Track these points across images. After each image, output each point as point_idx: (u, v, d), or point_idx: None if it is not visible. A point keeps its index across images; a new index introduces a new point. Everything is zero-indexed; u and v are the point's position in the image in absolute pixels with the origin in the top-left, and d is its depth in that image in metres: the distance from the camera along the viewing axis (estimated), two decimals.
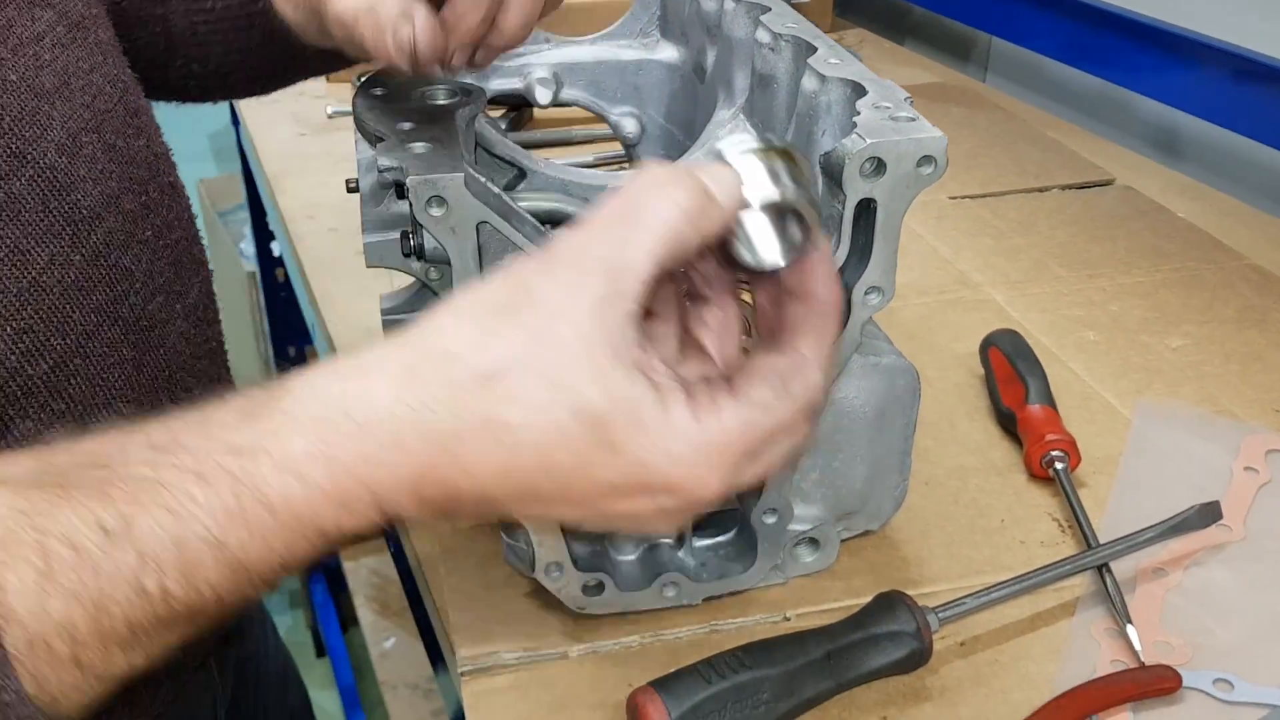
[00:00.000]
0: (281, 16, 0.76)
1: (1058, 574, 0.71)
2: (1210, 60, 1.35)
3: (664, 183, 0.46)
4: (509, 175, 0.82)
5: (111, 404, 0.63)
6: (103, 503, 0.43)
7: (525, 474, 0.45)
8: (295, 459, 0.44)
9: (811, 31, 0.76)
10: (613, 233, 0.46)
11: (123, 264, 0.65)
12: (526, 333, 0.45)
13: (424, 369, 0.45)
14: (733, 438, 0.46)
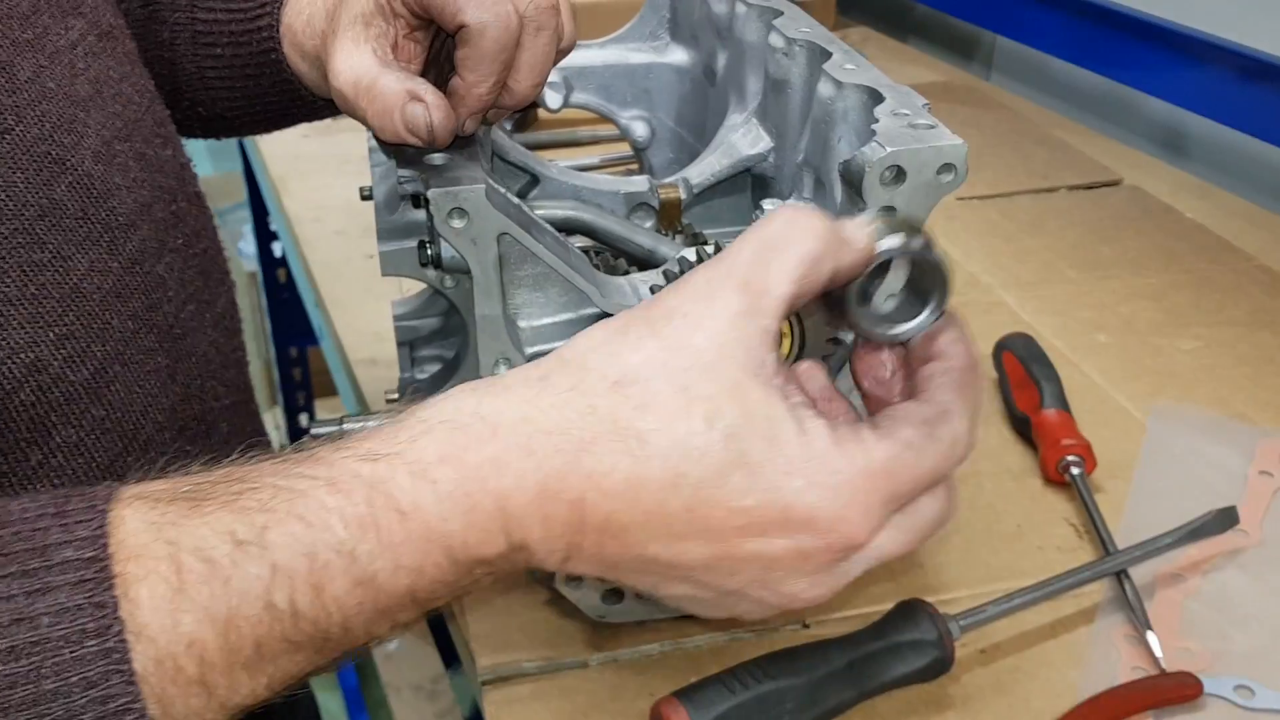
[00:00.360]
0: (293, 68, 0.76)
1: (1077, 580, 0.71)
2: (1216, 59, 1.34)
3: (803, 216, 0.47)
4: (521, 181, 0.82)
5: (148, 412, 0.63)
6: (236, 513, 0.42)
7: (654, 488, 0.43)
8: (428, 463, 0.43)
9: (825, 36, 0.76)
10: (752, 256, 0.46)
11: (156, 272, 0.65)
12: (660, 341, 0.44)
13: (557, 377, 0.45)
14: (877, 471, 0.44)
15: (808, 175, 0.76)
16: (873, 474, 0.44)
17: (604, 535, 0.45)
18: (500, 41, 0.59)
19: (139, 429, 0.62)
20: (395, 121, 0.60)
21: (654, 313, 0.45)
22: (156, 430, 0.64)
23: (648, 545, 0.45)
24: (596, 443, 0.43)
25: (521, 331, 0.64)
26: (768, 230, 0.46)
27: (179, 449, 0.66)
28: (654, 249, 0.72)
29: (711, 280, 0.45)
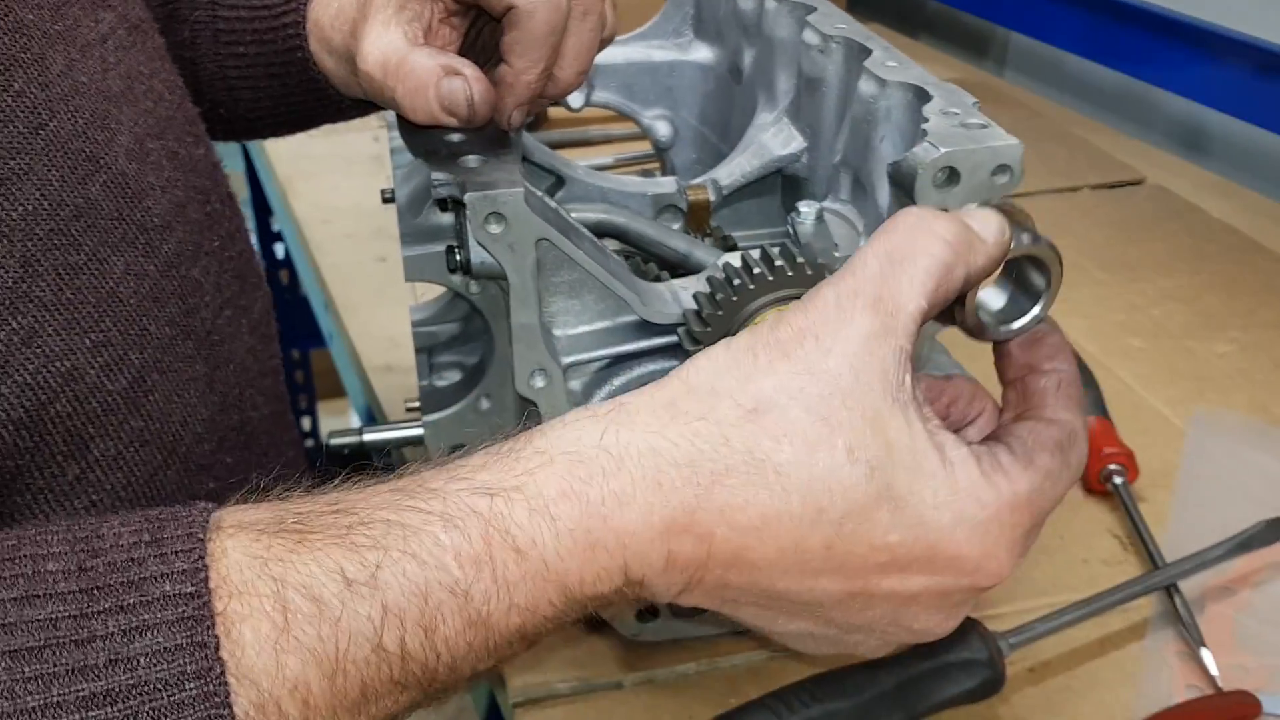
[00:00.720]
0: (319, 66, 0.73)
1: (1127, 595, 0.69)
2: (1236, 54, 1.32)
3: (929, 219, 0.44)
4: (547, 182, 0.79)
5: (186, 423, 0.60)
6: (345, 549, 0.39)
7: (791, 524, 0.41)
8: (548, 499, 0.41)
9: (863, 33, 0.73)
10: (879, 269, 0.43)
11: (192, 275, 0.62)
12: (792, 365, 0.42)
13: (686, 404, 0.42)
14: (1022, 505, 0.42)
15: (845, 176, 0.73)
16: (1018, 508, 0.42)
17: (730, 570, 0.42)
18: (550, 24, 0.57)
19: (178, 440, 0.59)
20: (430, 99, 0.57)
21: (782, 334, 0.42)
22: (195, 441, 0.61)
23: (777, 581, 0.42)
24: (730, 475, 0.41)
25: (557, 340, 0.61)
26: (893, 239, 0.44)
27: (218, 460, 0.63)
28: (689, 253, 0.69)
29: (840, 298, 0.42)
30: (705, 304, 0.57)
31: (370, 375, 0.98)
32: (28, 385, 0.50)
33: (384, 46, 0.59)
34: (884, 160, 0.67)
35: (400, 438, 0.80)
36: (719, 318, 0.57)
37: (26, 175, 0.51)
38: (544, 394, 0.60)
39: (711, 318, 0.57)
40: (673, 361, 0.62)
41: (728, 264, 0.58)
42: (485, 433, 0.77)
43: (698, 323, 0.58)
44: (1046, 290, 0.47)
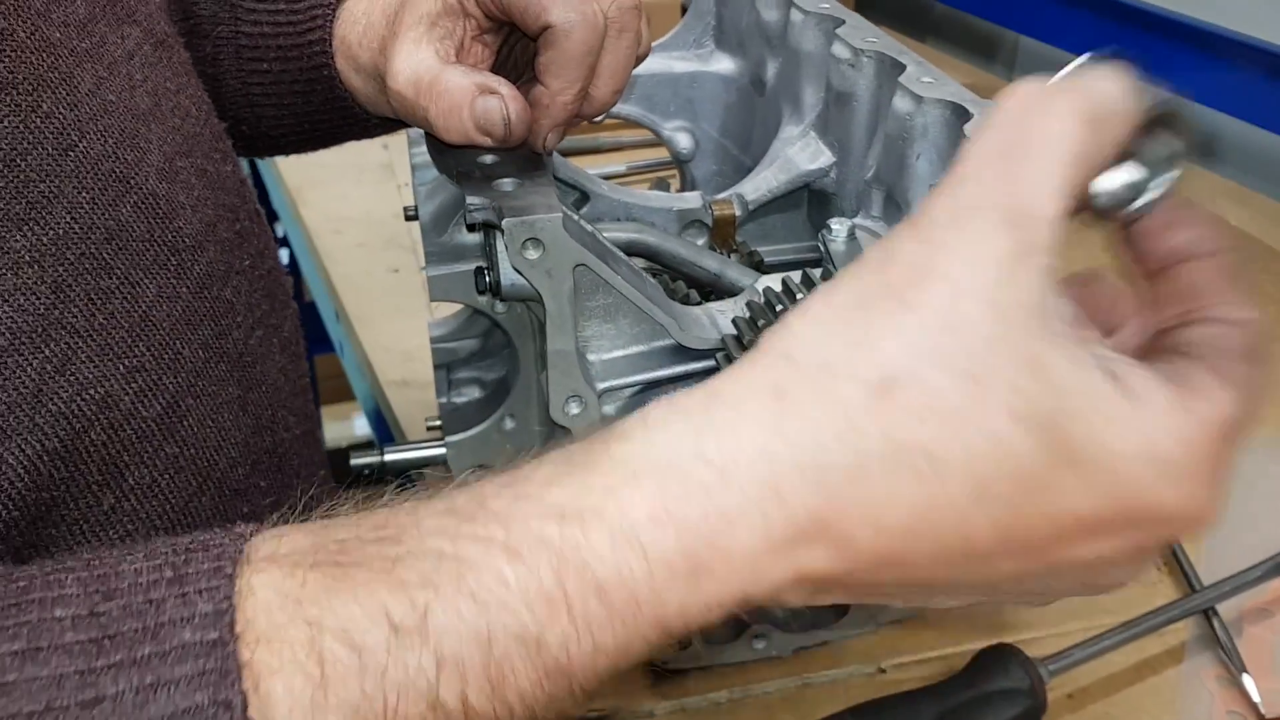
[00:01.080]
0: (346, 84, 0.72)
1: (1165, 619, 0.68)
2: (1249, 59, 1.31)
3: (1042, 96, 0.35)
4: (571, 198, 0.78)
5: (221, 447, 0.59)
6: (391, 588, 0.34)
7: (952, 514, 0.33)
8: (636, 524, 0.34)
9: (895, 47, 0.72)
10: (999, 168, 0.34)
11: (224, 296, 0.61)
12: (920, 319, 0.33)
13: (797, 390, 0.34)
14: (1229, 429, 0.34)
15: (877, 192, 0.72)
16: (1225, 435, 0.34)
17: (879, 570, 0.35)
18: (587, 43, 0.56)
19: (213, 465, 0.58)
20: (464, 119, 0.56)
21: (894, 276, 0.34)
22: (230, 466, 0.59)
23: (940, 572, 0.35)
24: (867, 470, 0.33)
25: (592, 365, 0.60)
26: (1006, 130, 0.34)
27: (253, 484, 0.62)
28: (721, 273, 0.68)
29: (959, 216, 0.34)
30: (746, 329, 0.56)
31: (386, 390, 0.97)
32: (62, 414, 0.49)
33: (415, 65, 0.57)
34: (920, 178, 0.66)
35: (423, 458, 0.79)
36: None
37: (56, 198, 0.50)
38: (579, 421, 0.59)
39: (752, 343, 0.56)
40: None
41: (768, 289, 0.57)
42: (511, 452, 0.76)
43: (738, 349, 0.57)
44: (1181, 152, 0.37)
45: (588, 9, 0.55)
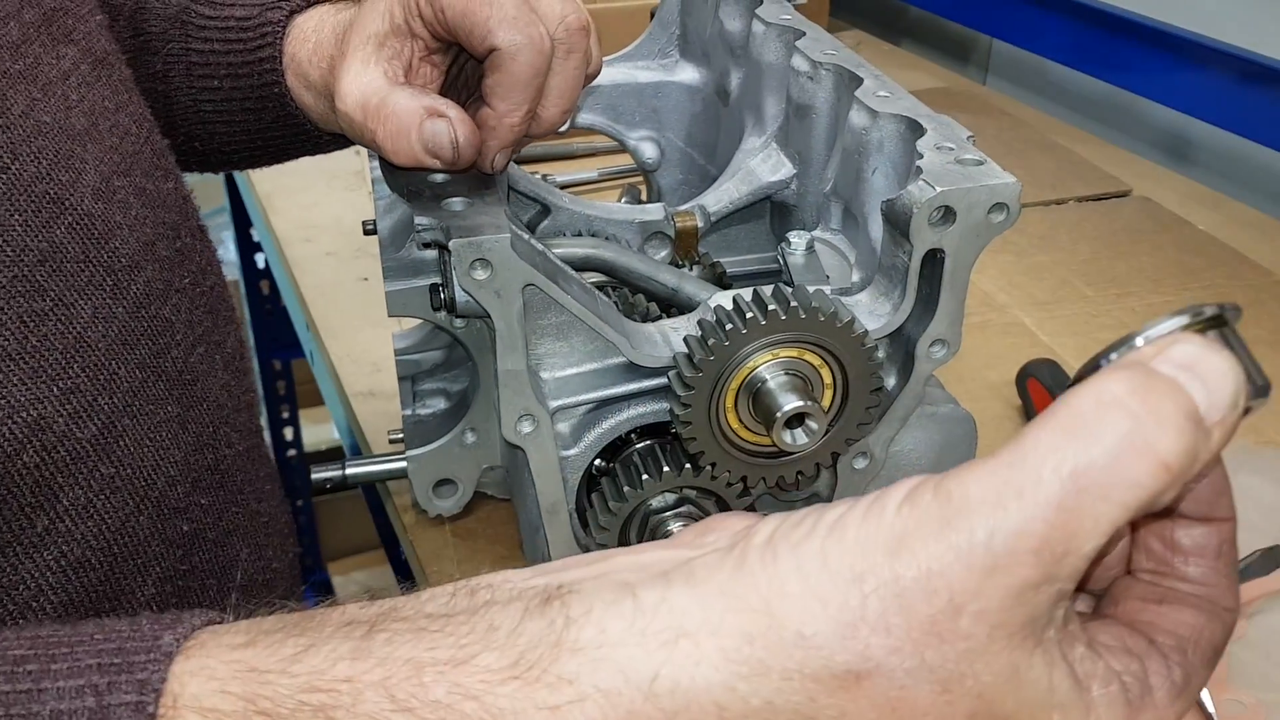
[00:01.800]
0: (297, 101, 0.72)
1: None
2: (1220, 64, 1.32)
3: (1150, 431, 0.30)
4: (532, 211, 0.78)
5: (159, 466, 0.59)
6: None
7: None
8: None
9: (853, 59, 0.72)
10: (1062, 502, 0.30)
11: (163, 315, 0.60)
12: (912, 621, 0.30)
13: (764, 649, 0.31)
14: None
15: (835, 206, 0.72)
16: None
17: None
18: (534, 65, 0.56)
19: (151, 485, 0.58)
20: (412, 142, 0.56)
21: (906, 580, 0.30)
22: (169, 485, 0.59)
23: None
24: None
25: (544, 384, 0.60)
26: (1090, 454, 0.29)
27: (193, 502, 0.62)
28: (678, 287, 0.68)
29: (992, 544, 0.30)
30: (697, 348, 0.56)
31: (352, 401, 0.97)
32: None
33: (363, 86, 0.57)
34: (876, 192, 0.66)
35: (384, 471, 0.79)
36: (711, 362, 0.56)
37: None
38: (531, 439, 0.59)
39: (703, 362, 0.56)
40: (661, 404, 0.61)
41: (719, 307, 0.57)
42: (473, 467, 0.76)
43: (689, 367, 0.56)
44: None
45: (534, 32, 0.55)
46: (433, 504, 0.78)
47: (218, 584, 0.64)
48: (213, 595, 0.64)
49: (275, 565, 0.72)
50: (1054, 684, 0.31)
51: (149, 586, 0.58)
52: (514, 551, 0.80)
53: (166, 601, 0.59)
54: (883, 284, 0.61)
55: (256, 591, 0.68)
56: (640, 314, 0.70)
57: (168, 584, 0.59)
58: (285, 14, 0.71)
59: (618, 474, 0.62)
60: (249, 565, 0.68)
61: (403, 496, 0.84)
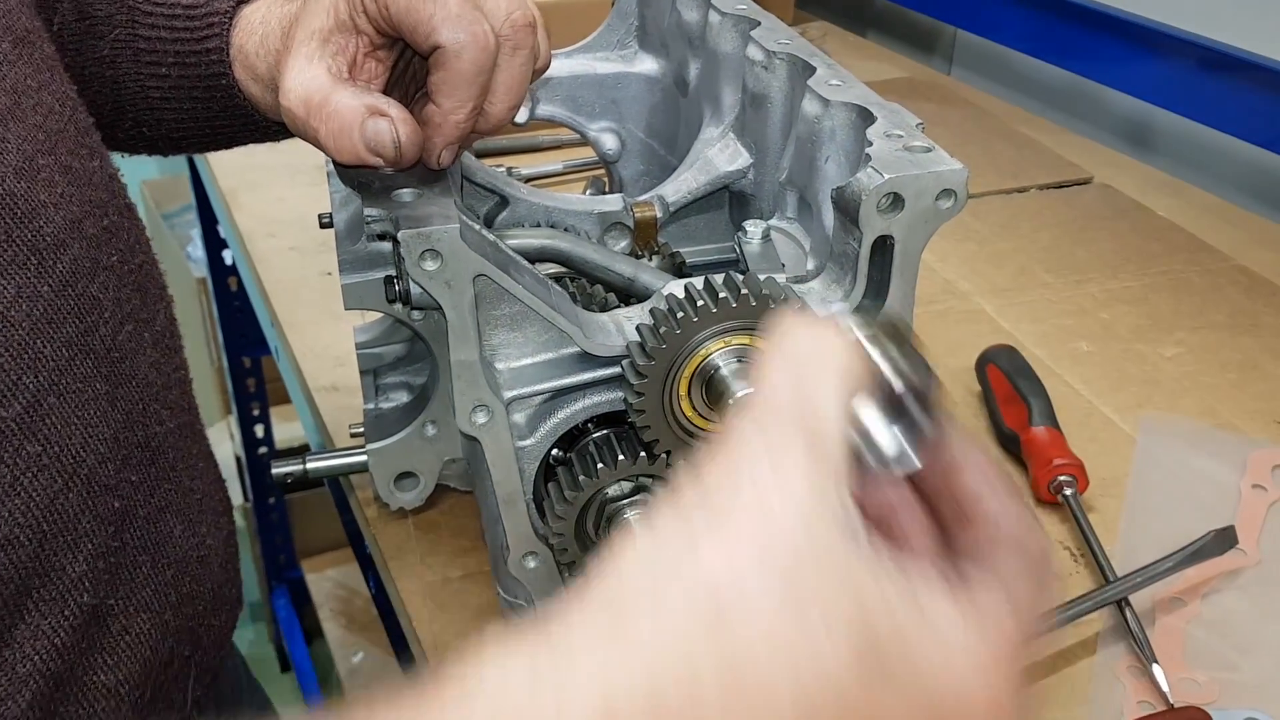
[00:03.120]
0: (245, 93, 0.72)
1: (1078, 612, 0.69)
2: (1180, 52, 1.33)
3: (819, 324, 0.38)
4: (490, 203, 0.78)
5: (88, 443, 0.59)
6: None
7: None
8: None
9: (806, 48, 0.73)
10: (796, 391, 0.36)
11: (90, 292, 0.60)
12: (740, 530, 0.33)
13: (629, 619, 0.33)
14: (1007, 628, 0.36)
15: (791, 194, 0.73)
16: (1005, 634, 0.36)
17: None
18: (478, 63, 0.56)
19: (79, 462, 0.58)
20: (354, 140, 0.56)
21: (714, 498, 0.34)
22: (99, 463, 0.59)
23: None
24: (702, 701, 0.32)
25: (499, 374, 0.60)
26: (799, 347, 0.37)
27: (123, 479, 0.62)
28: (635, 277, 0.68)
29: (765, 430, 0.35)
30: (649, 336, 0.57)
31: (316, 396, 0.97)
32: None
33: (306, 83, 0.57)
34: (829, 180, 0.67)
35: (344, 465, 0.79)
36: (663, 350, 0.56)
37: None
38: (486, 430, 0.59)
39: (656, 351, 0.56)
40: (616, 393, 0.61)
41: (671, 295, 0.58)
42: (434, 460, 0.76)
43: (642, 356, 0.57)
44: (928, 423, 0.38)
45: (477, 29, 0.55)
46: (394, 497, 0.78)
47: (150, 560, 0.65)
48: (145, 572, 0.64)
49: (209, 542, 0.72)
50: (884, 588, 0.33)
51: (79, 563, 0.58)
52: (477, 543, 0.80)
53: (99, 578, 0.60)
54: (834, 271, 0.61)
55: (191, 568, 0.69)
56: (598, 304, 0.70)
57: (99, 560, 0.60)
58: (232, 4, 0.71)
59: (574, 463, 0.62)
60: (182, 542, 0.68)
61: (365, 491, 0.84)
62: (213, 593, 0.72)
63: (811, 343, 0.37)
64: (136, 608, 0.63)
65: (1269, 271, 1.12)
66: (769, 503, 0.33)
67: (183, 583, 0.68)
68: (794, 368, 0.36)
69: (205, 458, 0.76)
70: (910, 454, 0.38)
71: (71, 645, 0.59)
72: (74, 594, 0.58)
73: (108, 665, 0.62)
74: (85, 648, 0.60)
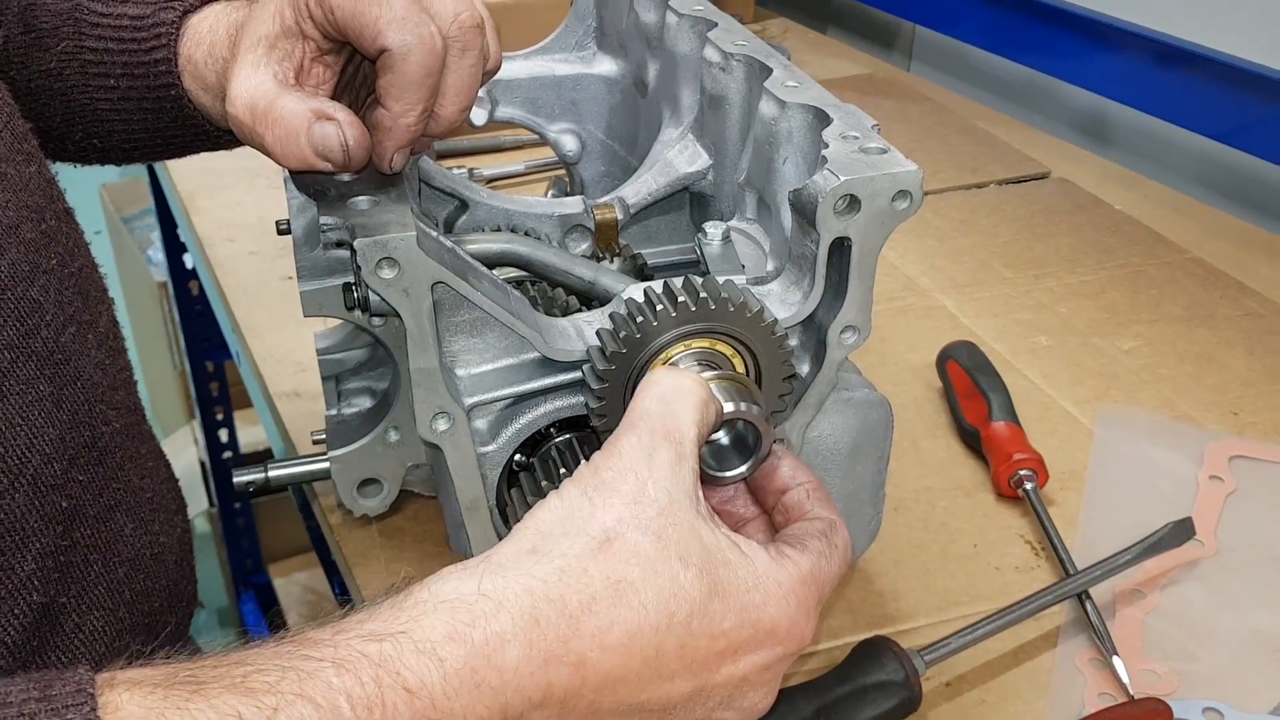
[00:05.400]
0: (195, 102, 0.71)
1: (1039, 605, 0.69)
2: (1135, 47, 1.34)
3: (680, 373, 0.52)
4: (449, 207, 0.78)
5: (33, 444, 0.58)
6: (243, 695, 0.39)
7: (651, 634, 0.45)
8: (434, 641, 0.43)
9: (763, 49, 0.73)
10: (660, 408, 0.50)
11: (30, 296, 0.60)
12: (623, 497, 0.47)
13: (545, 547, 0.46)
14: (808, 579, 0.50)
15: (750, 195, 0.73)
16: (805, 581, 0.50)
17: (601, 693, 0.45)
18: (426, 66, 0.55)
19: (25, 463, 0.58)
20: (301, 146, 0.56)
21: (606, 476, 0.48)
22: (44, 462, 0.59)
23: (641, 692, 0.46)
24: (596, 602, 0.45)
25: (460, 380, 0.60)
26: (662, 386, 0.51)
27: (70, 479, 0.62)
28: (595, 280, 0.68)
29: (640, 438, 0.49)
30: (609, 341, 0.57)
31: (277, 401, 0.96)
32: None
33: (252, 89, 0.57)
34: (787, 182, 0.67)
35: (307, 472, 0.78)
36: (623, 355, 0.56)
37: None
38: (447, 437, 0.59)
39: (615, 355, 0.56)
40: (578, 398, 0.61)
41: (630, 299, 0.58)
42: (398, 465, 0.76)
43: (602, 360, 0.57)
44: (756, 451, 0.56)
45: (424, 31, 0.55)
46: (358, 504, 0.77)
47: (102, 558, 0.65)
48: (96, 570, 0.64)
49: (163, 540, 0.72)
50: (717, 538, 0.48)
51: (28, 562, 0.58)
52: (442, 548, 0.80)
53: (48, 576, 0.60)
54: (793, 273, 0.61)
55: (144, 565, 0.69)
56: (560, 308, 0.70)
57: (48, 559, 0.60)
58: (178, 14, 0.70)
59: (536, 469, 0.62)
60: (134, 540, 0.68)
61: (329, 497, 0.84)
62: (167, 589, 0.72)
63: (674, 381, 0.51)
64: (89, 605, 0.63)
65: (1224, 263, 1.14)
66: (644, 484, 0.47)
67: (136, 580, 0.68)
68: (662, 397, 0.50)
69: (154, 456, 0.76)
70: (744, 468, 0.56)
71: (23, 643, 0.59)
72: (23, 593, 0.58)
73: (61, 662, 0.62)
74: (38, 646, 0.60)
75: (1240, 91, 1.22)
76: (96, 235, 1.78)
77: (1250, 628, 0.72)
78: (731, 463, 0.56)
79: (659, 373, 0.52)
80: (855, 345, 0.62)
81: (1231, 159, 1.30)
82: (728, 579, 0.47)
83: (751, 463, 0.56)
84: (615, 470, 0.48)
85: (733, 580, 0.47)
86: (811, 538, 0.52)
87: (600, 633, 0.45)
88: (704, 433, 0.51)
